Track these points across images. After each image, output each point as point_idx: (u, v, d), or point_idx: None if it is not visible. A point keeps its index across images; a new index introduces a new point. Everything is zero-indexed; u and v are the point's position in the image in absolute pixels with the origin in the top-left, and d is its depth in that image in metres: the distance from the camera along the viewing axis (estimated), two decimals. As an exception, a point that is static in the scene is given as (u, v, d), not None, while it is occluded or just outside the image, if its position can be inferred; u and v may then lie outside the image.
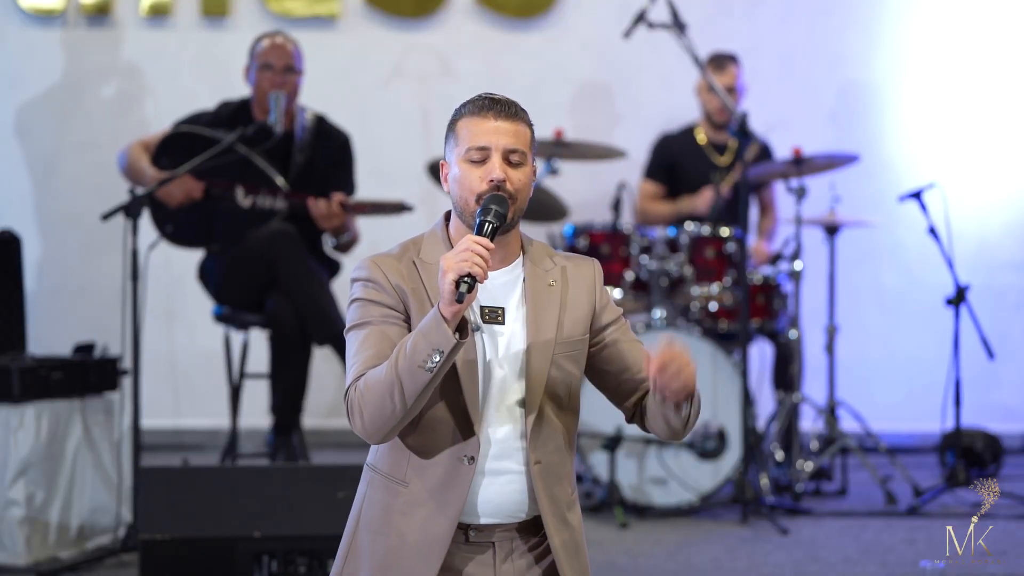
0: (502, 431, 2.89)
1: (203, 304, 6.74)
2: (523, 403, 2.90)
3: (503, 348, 2.90)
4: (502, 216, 2.85)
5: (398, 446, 2.92)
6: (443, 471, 2.88)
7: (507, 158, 2.90)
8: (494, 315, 2.91)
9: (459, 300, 2.74)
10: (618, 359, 2.99)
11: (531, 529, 2.94)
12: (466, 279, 2.74)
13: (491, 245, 2.80)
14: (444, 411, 2.88)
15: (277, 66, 5.92)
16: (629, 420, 3.05)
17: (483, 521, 2.91)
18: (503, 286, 2.94)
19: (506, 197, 2.87)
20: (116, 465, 5.36)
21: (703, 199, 6.61)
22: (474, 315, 2.90)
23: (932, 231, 6.23)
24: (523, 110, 2.96)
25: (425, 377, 2.77)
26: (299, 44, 6.04)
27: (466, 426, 2.87)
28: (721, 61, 6.72)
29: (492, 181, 2.88)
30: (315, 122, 6.07)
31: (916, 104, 7.64)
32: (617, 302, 5.19)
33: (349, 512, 3.01)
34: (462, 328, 2.79)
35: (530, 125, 2.96)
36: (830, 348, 6.48)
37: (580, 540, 2.97)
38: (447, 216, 2.99)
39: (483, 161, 2.90)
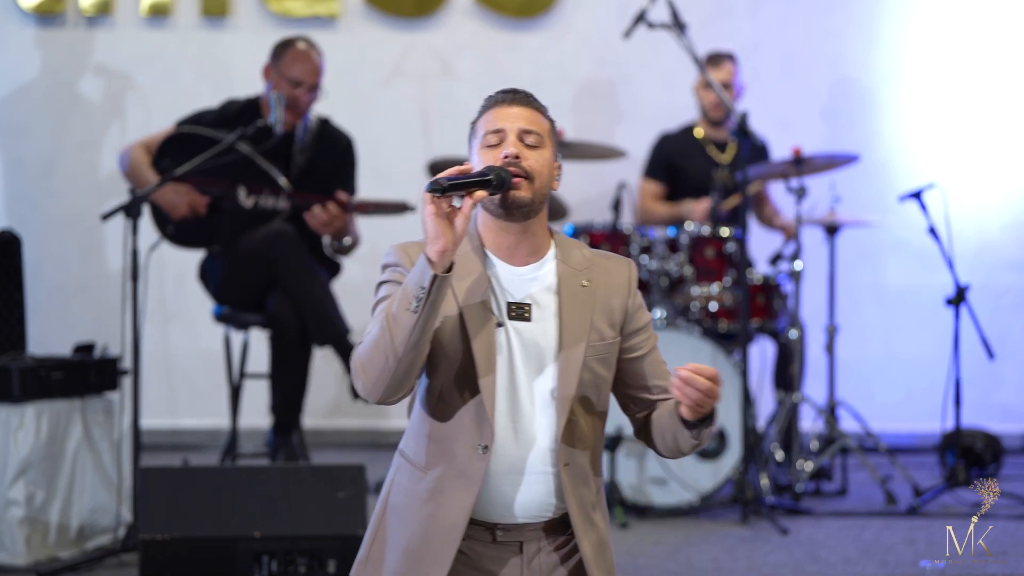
0: (529, 430, 2.90)
1: (203, 304, 6.74)
2: (553, 404, 2.90)
3: (530, 345, 2.90)
4: (501, 176, 2.84)
5: (420, 433, 2.93)
6: (459, 459, 2.89)
7: (522, 138, 2.90)
8: (520, 311, 2.91)
9: (428, 189, 2.75)
10: (640, 376, 3.01)
11: (558, 528, 2.95)
12: (439, 182, 2.77)
13: (471, 165, 2.85)
14: (460, 398, 2.89)
15: (307, 83, 5.92)
16: (636, 433, 3.07)
17: (509, 520, 2.91)
18: (531, 282, 2.94)
19: (517, 172, 2.87)
20: (116, 465, 5.35)
21: (701, 209, 6.59)
22: (499, 310, 2.91)
23: (932, 231, 6.22)
24: (539, 102, 2.96)
25: (411, 319, 2.76)
26: (323, 55, 6.04)
27: (481, 415, 2.87)
28: (717, 58, 6.75)
29: (506, 157, 2.88)
30: (319, 124, 6.06)
31: (916, 104, 7.64)
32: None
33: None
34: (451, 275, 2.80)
35: (548, 117, 2.96)
36: (830, 348, 6.48)
37: (606, 539, 2.98)
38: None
39: (500, 144, 2.91)
